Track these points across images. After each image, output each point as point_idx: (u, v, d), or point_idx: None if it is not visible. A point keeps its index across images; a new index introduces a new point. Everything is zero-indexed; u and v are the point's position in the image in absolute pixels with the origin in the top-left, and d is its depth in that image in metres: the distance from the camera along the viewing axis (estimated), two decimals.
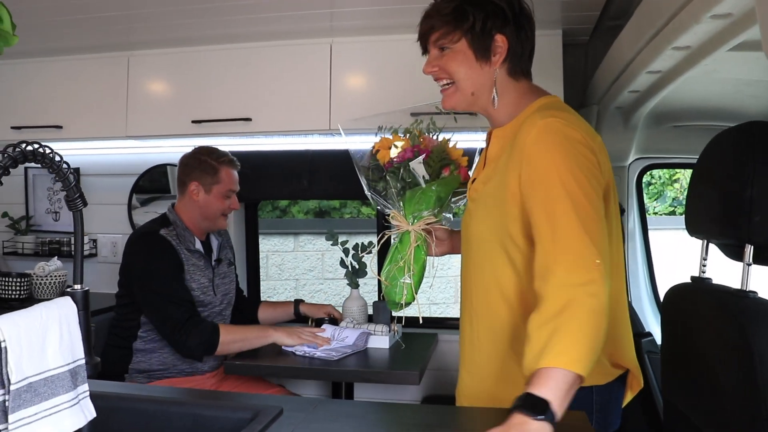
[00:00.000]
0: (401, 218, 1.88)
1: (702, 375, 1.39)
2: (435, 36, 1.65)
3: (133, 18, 2.83)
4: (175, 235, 2.70)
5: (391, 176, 1.91)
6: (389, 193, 1.92)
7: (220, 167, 2.78)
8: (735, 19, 1.45)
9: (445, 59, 1.64)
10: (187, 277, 2.67)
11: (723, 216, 1.33)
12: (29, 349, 1.09)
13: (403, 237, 1.88)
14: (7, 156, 1.06)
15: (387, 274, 1.89)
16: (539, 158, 1.47)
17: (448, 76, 1.65)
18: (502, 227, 1.55)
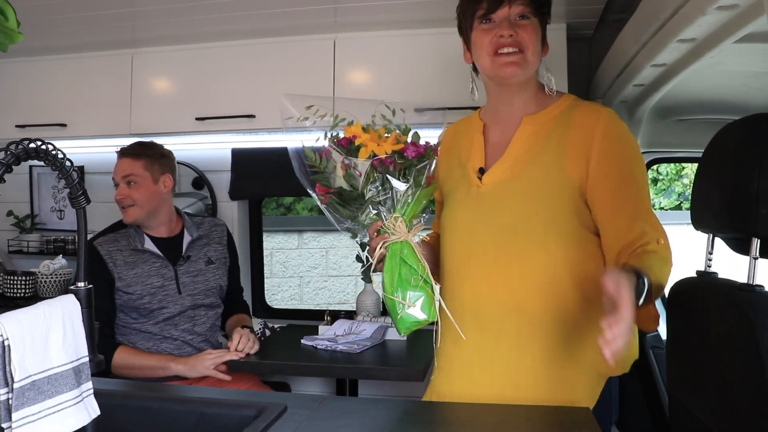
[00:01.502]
0: (401, 225, 1.58)
1: (708, 370, 1.38)
2: (523, 3, 1.63)
3: (137, 15, 2.83)
4: (124, 236, 2.71)
5: (396, 175, 1.59)
6: (390, 197, 1.60)
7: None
8: (741, 10, 1.44)
9: (525, 29, 1.62)
10: (121, 284, 2.63)
11: (729, 209, 1.32)
12: (32, 347, 1.09)
13: (402, 248, 1.59)
14: (10, 153, 1.06)
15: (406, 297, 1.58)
16: (617, 147, 1.57)
17: (520, 46, 1.62)
18: (559, 207, 1.58)
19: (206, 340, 2.77)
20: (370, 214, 1.58)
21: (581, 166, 1.56)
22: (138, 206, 2.70)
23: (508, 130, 1.70)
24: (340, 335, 2.87)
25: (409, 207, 1.58)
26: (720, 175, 1.38)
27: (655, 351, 2.14)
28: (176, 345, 2.68)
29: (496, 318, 1.62)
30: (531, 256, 1.58)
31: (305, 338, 2.86)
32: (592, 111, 1.60)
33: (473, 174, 1.71)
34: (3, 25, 1.27)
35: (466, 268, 1.68)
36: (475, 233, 1.67)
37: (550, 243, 1.57)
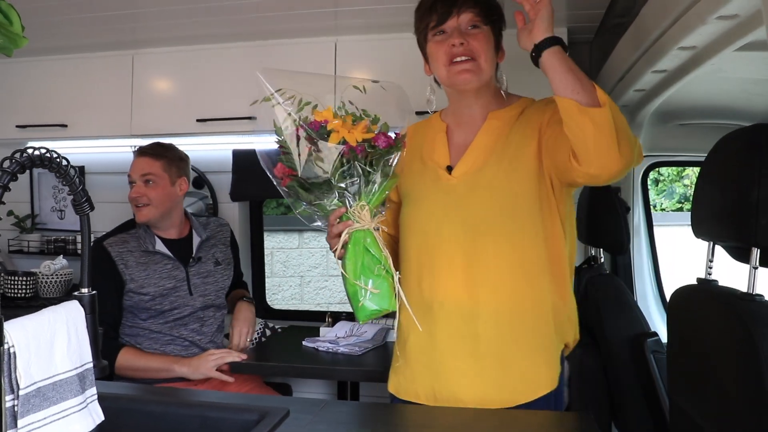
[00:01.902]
0: (366, 213, 1.59)
1: (708, 378, 1.39)
2: (473, 12, 1.70)
3: (139, 16, 2.84)
4: (134, 237, 2.71)
5: (364, 163, 1.58)
6: (358, 185, 1.60)
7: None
8: (741, 20, 1.45)
9: (476, 38, 1.70)
10: (133, 285, 2.63)
11: (729, 218, 1.33)
12: (37, 354, 1.09)
13: (365, 236, 1.61)
14: (14, 162, 1.06)
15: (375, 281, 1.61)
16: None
17: (473, 54, 1.69)
18: (532, 203, 1.66)
19: (212, 340, 2.79)
20: (335, 200, 1.60)
21: (536, 142, 1.67)
22: (153, 206, 2.70)
23: (471, 131, 1.77)
24: (342, 337, 2.89)
25: (375, 196, 1.60)
26: (721, 184, 1.39)
27: (656, 355, 2.14)
28: (183, 346, 2.69)
29: (464, 308, 1.67)
30: (500, 245, 1.65)
31: (307, 340, 2.88)
32: (548, 100, 1.69)
33: (440, 171, 1.76)
34: (7, 29, 1.28)
35: (435, 260, 1.71)
36: (444, 226, 1.71)
37: (518, 233, 1.65)
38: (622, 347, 2.28)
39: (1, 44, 1.30)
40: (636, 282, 3.03)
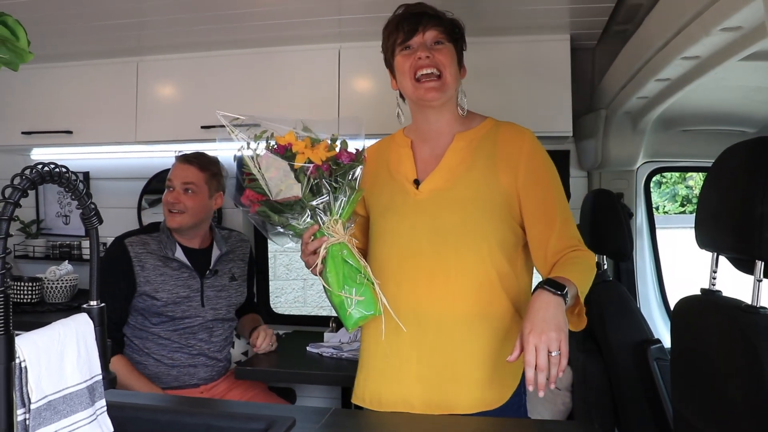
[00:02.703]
0: (339, 227, 1.69)
1: (712, 389, 1.40)
2: (438, 30, 1.79)
3: (143, 24, 2.85)
4: (155, 240, 2.71)
5: (330, 180, 1.66)
6: (328, 201, 1.67)
7: (173, 163, 2.81)
8: (745, 31, 1.46)
9: (441, 54, 1.77)
10: (148, 288, 2.63)
11: (733, 231, 1.34)
12: (48, 368, 1.10)
13: (341, 249, 1.68)
14: (25, 179, 1.07)
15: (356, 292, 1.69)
16: (542, 162, 1.77)
17: (438, 68, 1.76)
18: (493, 215, 1.73)
19: (220, 350, 2.80)
20: (307, 218, 1.68)
21: (510, 177, 1.74)
22: (188, 214, 2.71)
23: (437, 147, 1.84)
24: (345, 342, 2.90)
25: (345, 210, 1.69)
26: (724, 196, 1.40)
27: (659, 363, 2.15)
28: (191, 354, 2.69)
29: (433, 319, 1.72)
30: (466, 260, 1.71)
31: (311, 345, 2.89)
32: (517, 131, 1.80)
33: (408, 184, 1.81)
34: (14, 45, 1.29)
35: (404, 272, 1.76)
36: (413, 239, 1.76)
37: (483, 247, 1.72)
38: (626, 354, 2.29)
39: (8, 59, 1.31)
40: (639, 288, 3.04)
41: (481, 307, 1.72)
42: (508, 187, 1.74)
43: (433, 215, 1.75)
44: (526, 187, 1.74)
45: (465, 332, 1.71)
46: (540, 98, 2.86)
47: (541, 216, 1.73)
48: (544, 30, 2.81)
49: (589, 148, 2.94)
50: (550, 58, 2.87)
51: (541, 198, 1.74)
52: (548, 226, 1.72)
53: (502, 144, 1.78)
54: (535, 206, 1.74)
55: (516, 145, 1.77)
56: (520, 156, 1.75)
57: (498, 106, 2.81)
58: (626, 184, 3.06)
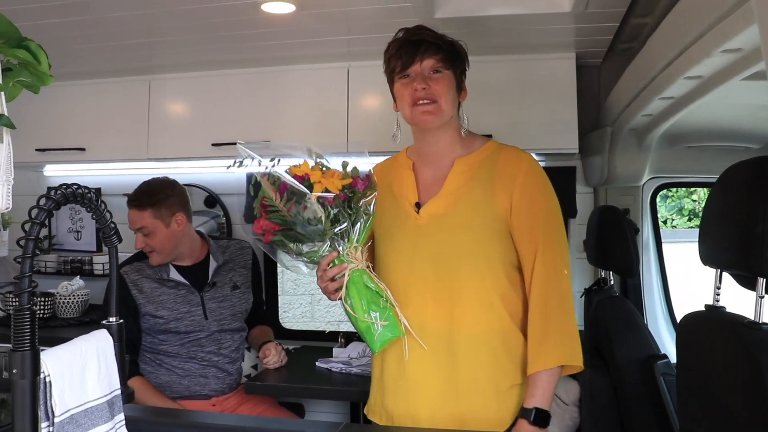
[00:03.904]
0: (358, 254, 1.72)
1: (717, 404, 1.42)
2: (435, 58, 1.81)
3: (155, 44, 2.90)
4: (149, 266, 2.75)
5: (345, 209, 1.68)
6: (347, 228, 1.69)
7: None
8: (745, 53, 1.49)
9: (437, 82, 1.80)
10: (150, 308, 2.68)
11: (735, 249, 1.36)
12: (71, 382, 1.14)
13: (362, 276, 1.71)
14: (50, 200, 1.11)
15: (380, 316, 1.72)
16: (537, 186, 1.81)
17: (434, 97, 1.79)
18: (490, 239, 1.78)
19: (231, 361, 2.83)
20: (326, 246, 1.69)
21: (506, 200, 1.78)
22: (158, 252, 2.73)
23: (439, 170, 1.87)
24: (355, 357, 2.92)
25: (362, 236, 1.72)
26: (727, 214, 1.43)
27: (666, 378, 2.17)
28: (202, 365, 2.73)
29: (437, 339, 1.76)
30: (466, 282, 1.76)
31: (320, 361, 2.91)
32: (515, 156, 1.84)
33: (410, 208, 1.85)
34: (36, 68, 1.33)
35: (407, 295, 1.79)
36: (415, 261, 1.80)
37: (482, 269, 1.77)
38: (633, 369, 2.31)
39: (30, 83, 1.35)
40: (646, 303, 3.05)
41: (483, 327, 1.75)
42: (503, 210, 1.78)
43: (433, 239, 1.79)
44: (517, 209, 1.78)
45: (469, 352, 1.75)
46: (546, 115, 2.90)
47: (525, 238, 1.78)
48: (551, 48, 2.85)
49: (595, 164, 2.97)
50: (556, 76, 2.91)
51: (528, 221, 1.78)
52: (530, 249, 1.77)
53: (501, 167, 1.82)
54: (521, 228, 1.78)
55: (513, 168, 1.81)
56: (516, 179, 1.79)
57: (505, 123, 2.86)
58: (632, 199, 3.08)
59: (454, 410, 1.75)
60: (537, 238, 1.77)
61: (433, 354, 1.76)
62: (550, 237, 1.78)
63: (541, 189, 1.82)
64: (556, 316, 1.73)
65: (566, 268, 1.79)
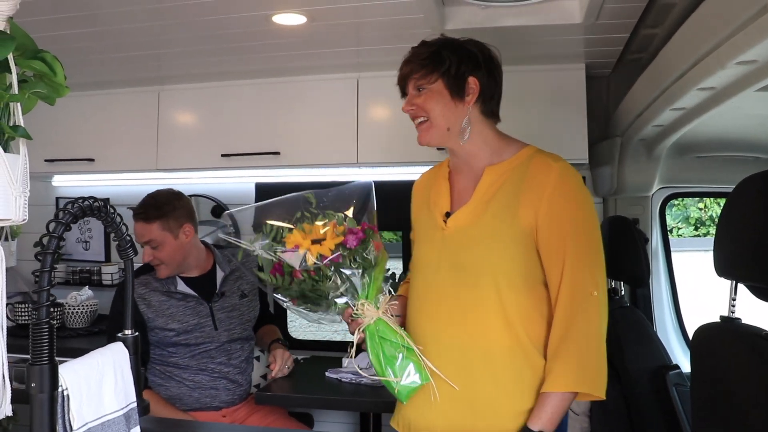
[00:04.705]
0: (369, 307, 1.68)
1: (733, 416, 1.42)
2: (414, 78, 1.78)
3: (165, 55, 2.91)
4: (156, 279, 2.74)
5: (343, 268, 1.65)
6: (350, 286, 1.67)
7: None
8: (760, 65, 1.49)
9: (422, 98, 1.77)
10: (159, 322, 2.67)
11: (750, 261, 1.36)
12: (89, 396, 1.14)
13: (378, 326, 1.68)
14: (68, 213, 1.12)
15: (397, 371, 1.68)
16: (566, 198, 1.69)
17: (424, 114, 1.77)
18: (511, 254, 1.69)
19: (241, 371, 2.82)
20: (339, 304, 1.67)
21: (531, 216, 1.69)
22: (166, 264, 2.71)
23: (469, 178, 1.82)
24: (364, 368, 2.91)
25: (369, 288, 1.67)
26: (742, 225, 1.42)
27: (678, 389, 2.16)
28: (212, 377, 2.72)
29: (451, 354, 1.72)
30: (482, 298, 1.70)
31: (330, 371, 2.90)
32: (545, 166, 1.72)
33: (440, 217, 1.82)
34: (52, 80, 1.34)
35: (429, 306, 1.78)
36: (437, 273, 1.77)
37: (501, 285, 1.68)
38: (644, 380, 2.30)
39: (45, 94, 1.36)
40: (655, 313, 3.04)
41: (498, 345, 1.69)
42: (527, 224, 1.69)
43: (454, 252, 1.76)
44: (544, 224, 1.68)
45: (485, 370, 1.70)
46: (556, 126, 2.90)
47: (552, 256, 1.69)
48: (560, 59, 2.86)
49: (604, 174, 2.97)
50: (566, 87, 2.91)
51: (555, 238, 1.68)
52: (557, 268, 1.68)
53: (530, 178, 1.72)
54: (547, 245, 1.69)
55: (542, 180, 1.70)
56: (544, 191, 1.69)
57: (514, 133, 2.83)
58: (642, 209, 3.08)
59: (472, 426, 1.72)
60: (564, 257, 1.66)
61: (447, 368, 1.72)
62: (579, 255, 1.66)
63: (572, 203, 1.69)
64: (577, 341, 1.63)
65: (597, 289, 1.65)
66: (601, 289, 1.66)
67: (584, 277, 1.65)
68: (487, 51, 1.82)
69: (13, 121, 1.17)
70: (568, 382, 1.62)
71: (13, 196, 1.07)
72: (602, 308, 1.66)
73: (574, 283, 1.65)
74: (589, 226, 1.70)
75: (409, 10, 2.28)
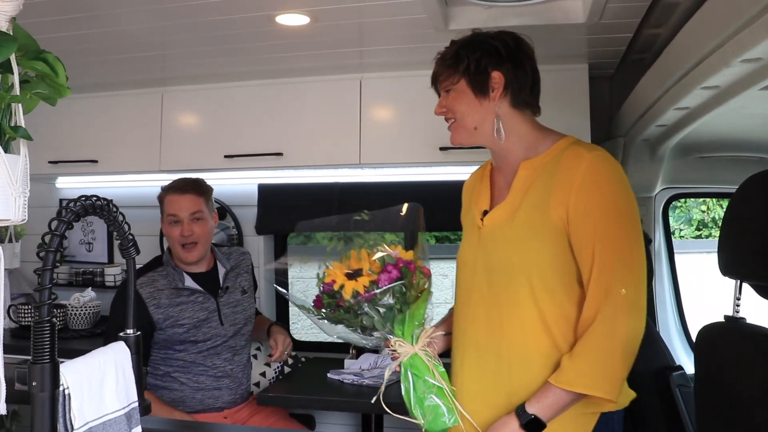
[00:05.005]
0: (404, 343, 1.65)
1: (738, 416, 1.41)
2: (440, 79, 1.79)
3: (168, 56, 2.91)
4: (162, 276, 2.73)
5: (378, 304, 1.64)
6: (380, 323, 1.65)
7: (165, 195, 2.80)
8: (765, 63, 1.48)
9: (449, 99, 1.77)
10: (169, 321, 2.66)
11: (756, 260, 1.35)
12: (90, 395, 1.14)
13: (412, 363, 1.66)
14: (70, 211, 1.11)
15: (426, 411, 1.65)
16: (597, 190, 1.59)
17: (452, 115, 1.77)
18: (543, 252, 1.63)
19: (243, 369, 2.85)
20: (375, 336, 1.67)
21: (562, 211, 1.61)
22: (201, 244, 2.75)
23: (507, 175, 1.79)
24: (366, 369, 2.91)
25: (405, 325, 1.65)
26: (747, 224, 1.42)
27: (682, 389, 2.15)
28: (215, 377, 2.73)
29: (491, 354, 1.69)
30: (515, 299, 1.65)
31: (331, 372, 2.90)
32: (576, 156, 1.64)
33: (478, 216, 1.80)
34: (53, 80, 1.34)
35: (467, 306, 1.77)
36: (475, 273, 1.75)
37: (535, 286, 1.63)
38: (647, 380, 2.29)
39: (47, 95, 1.36)
40: (658, 314, 3.04)
41: (534, 349, 1.64)
42: (558, 220, 1.62)
43: (488, 251, 1.73)
44: (573, 219, 1.60)
45: (522, 375, 1.65)
46: (559, 126, 2.83)
47: (582, 252, 1.60)
48: (563, 59, 2.85)
49: None
50: (569, 87, 2.90)
51: (584, 232, 1.59)
52: (587, 264, 1.59)
53: (561, 171, 1.64)
54: (577, 241, 1.60)
55: (571, 172, 1.62)
56: (573, 184, 1.60)
57: None
58: (645, 210, 3.07)
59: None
60: (593, 252, 1.58)
61: (485, 370, 1.70)
62: (608, 251, 1.57)
63: (603, 195, 1.59)
64: (594, 341, 1.55)
65: (627, 287, 1.54)
66: (632, 287, 1.55)
67: (612, 274, 1.56)
68: (513, 42, 1.76)
69: (15, 122, 1.17)
70: (573, 382, 1.55)
71: (13, 197, 1.07)
72: (633, 308, 1.55)
73: (601, 280, 1.56)
74: (624, 219, 1.60)
75: (413, 10, 2.28)
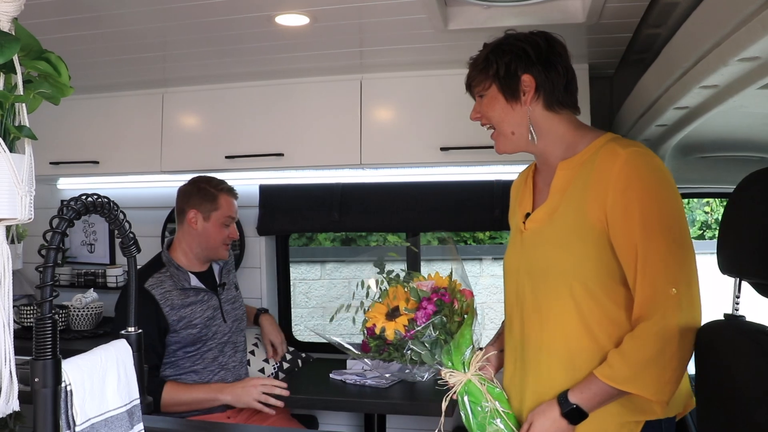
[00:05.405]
0: (455, 372, 1.69)
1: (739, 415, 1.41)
2: (473, 86, 1.79)
3: (169, 57, 2.92)
4: (167, 277, 2.74)
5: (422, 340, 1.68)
6: (427, 357, 1.69)
7: (219, 194, 2.83)
8: (763, 61, 1.48)
9: (483, 105, 1.77)
10: (182, 324, 2.68)
11: (755, 257, 1.36)
12: (92, 392, 1.14)
13: (467, 390, 1.70)
14: (71, 209, 1.12)
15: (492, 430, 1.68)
16: (635, 188, 1.55)
17: (487, 121, 1.77)
18: (582, 255, 1.62)
19: (244, 367, 2.90)
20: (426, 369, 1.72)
21: (600, 211, 1.58)
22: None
23: (548, 176, 1.77)
24: (368, 369, 2.92)
25: (453, 355, 1.68)
26: (746, 222, 1.42)
27: None
28: (220, 377, 2.75)
29: (532, 356, 1.70)
30: (560, 303, 1.64)
31: (334, 372, 2.91)
32: (612, 153, 1.60)
33: (521, 219, 1.80)
34: (56, 80, 1.35)
35: (512, 309, 1.79)
36: (518, 277, 1.76)
37: (576, 289, 1.61)
38: None
39: (50, 94, 1.37)
40: None
41: (579, 353, 1.63)
42: (597, 221, 1.58)
43: (529, 254, 1.73)
44: (612, 218, 1.57)
45: (565, 376, 1.64)
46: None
47: (624, 253, 1.56)
48: None
49: None
50: None
51: (625, 230, 1.55)
52: (630, 265, 1.55)
53: (597, 170, 1.61)
54: (618, 241, 1.57)
55: (607, 170, 1.58)
56: (609, 182, 1.57)
57: None
58: None
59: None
60: (636, 252, 1.53)
61: (525, 373, 1.72)
62: (652, 250, 1.52)
63: (641, 191, 1.55)
64: (644, 339, 1.52)
65: (677, 285, 1.50)
66: (684, 285, 1.52)
67: (659, 274, 1.52)
68: (543, 42, 1.74)
69: (19, 121, 1.17)
70: (618, 378, 1.53)
71: (19, 196, 1.07)
72: (685, 307, 1.51)
73: (646, 281, 1.52)
74: (666, 215, 1.55)
75: (413, 10, 2.28)
